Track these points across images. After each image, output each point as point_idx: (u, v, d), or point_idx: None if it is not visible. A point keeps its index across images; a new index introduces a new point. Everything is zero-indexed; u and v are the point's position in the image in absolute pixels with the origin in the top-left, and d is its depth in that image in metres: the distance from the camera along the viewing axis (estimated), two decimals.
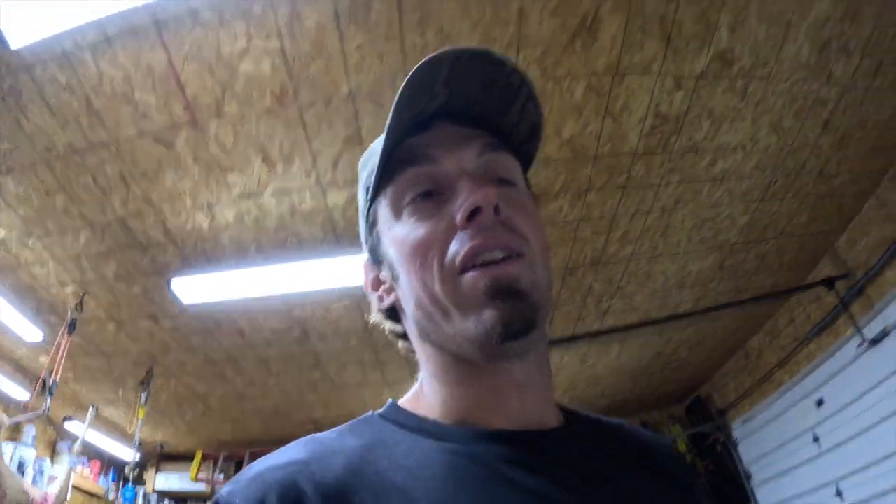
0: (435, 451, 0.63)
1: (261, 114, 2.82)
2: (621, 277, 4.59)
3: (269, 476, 0.58)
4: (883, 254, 4.16)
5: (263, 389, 5.56)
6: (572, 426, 0.74)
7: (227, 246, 3.57)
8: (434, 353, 0.71)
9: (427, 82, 0.67)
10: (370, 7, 2.46)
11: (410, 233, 0.68)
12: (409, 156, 0.70)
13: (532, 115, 0.74)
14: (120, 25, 2.39)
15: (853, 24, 2.99)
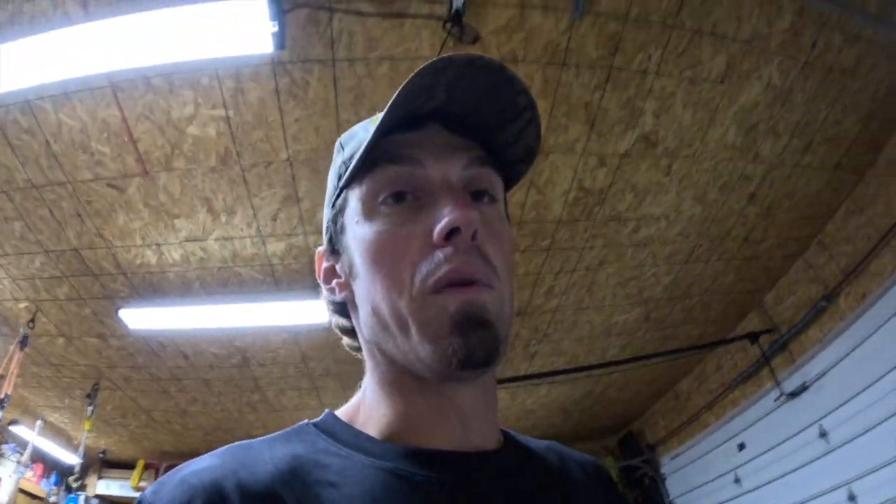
0: (366, 468, 0.62)
1: (206, 171, 3.05)
2: (547, 326, 4.88)
3: (194, 479, 0.56)
4: (807, 313, 4.49)
5: (205, 407, 5.73)
6: (507, 449, 0.73)
7: (173, 280, 3.78)
8: (382, 361, 0.69)
9: (428, 83, 0.64)
10: (308, 87, 2.72)
11: (381, 236, 0.65)
12: (394, 153, 0.67)
13: (530, 139, 0.72)
14: (78, 83, 2.60)
15: (783, 109, 3.32)
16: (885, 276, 3.83)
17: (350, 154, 0.72)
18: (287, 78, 2.67)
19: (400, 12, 2.50)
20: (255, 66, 2.60)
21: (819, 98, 3.32)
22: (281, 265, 3.76)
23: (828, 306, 4.32)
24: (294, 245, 3.62)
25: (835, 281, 4.27)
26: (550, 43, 2.71)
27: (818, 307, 4.37)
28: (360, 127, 0.76)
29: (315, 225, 3.49)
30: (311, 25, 2.48)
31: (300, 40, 2.52)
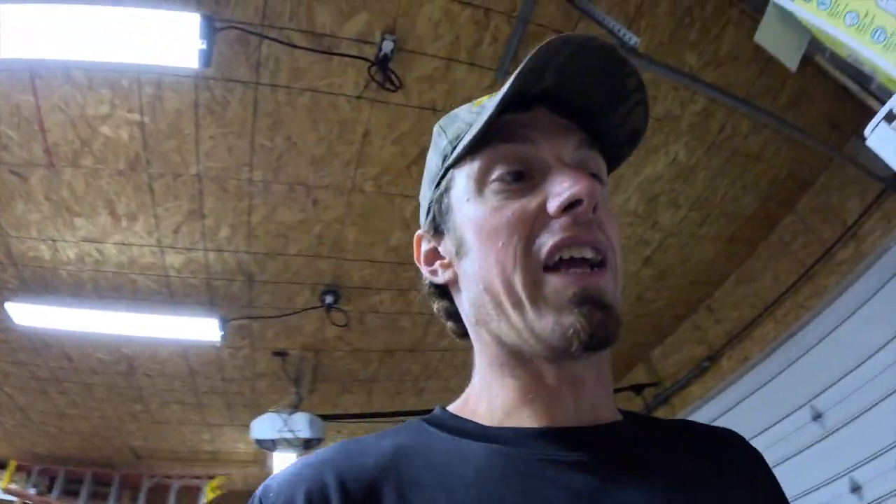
0: (472, 452, 0.62)
1: (113, 173, 2.97)
2: (437, 363, 4.98)
3: (302, 472, 0.59)
4: (691, 370, 4.75)
5: (85, 412, 5.51)
6: (628, 422, 0.71)
7: (65, 279, 3.64)
8: (491, 341, 0.68)
9: (544, 64, 0.64)
10: (227, 106, 2.70)
11: (495, 212, 0.64)
12: (506, 132, 0.66)
13: (638, 121, 0.71)
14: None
15: (685, 183, 3.54)
16: (766, 343, 4.10)
17: (455, 135, 0.71)
18: (208, 93, 2.65)
19: (329, 49, 2.53)
20: (178, 77, 2.57)
21: (721, 176, 3.55)
22: (178, 278, 3.68)
23: (710, 366, 4.59)
24: (193, 260, 3.56)
25: (719, 343, 4.54)
26: (471, 98, 2.78)
27: (702, 366, 4.63)
28: (462, 110, 0.75)
29: (216, 243, 3.44)
30: (240, 46, 2.48)
31: (227, 58, 2.51)
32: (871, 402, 3.33)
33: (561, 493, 0.57)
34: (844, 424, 3.46)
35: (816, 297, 3.80)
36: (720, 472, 0.69)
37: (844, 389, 3.49)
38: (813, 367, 3.73)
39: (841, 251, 3.68)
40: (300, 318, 4.13)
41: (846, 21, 1.50)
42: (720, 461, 0.71)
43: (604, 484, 0.58)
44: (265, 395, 5.24)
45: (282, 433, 4.24)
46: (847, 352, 3.51)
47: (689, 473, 0.65)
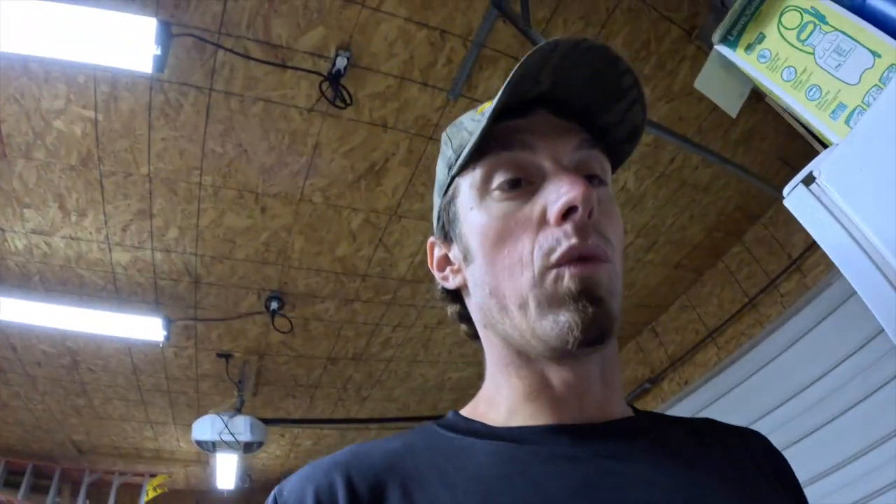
0: (476, 449, 0.63)
1: (65, 168, 2.96)
2: (381, 373, 5.06)
3: (312, 473, 0.61)
4: (633, 390, 4.88)
5: (28, 403, 5.43)
6: (639, 419, 0.72)
7: (12, 269, 3.61)
8: (498, 343, 0.70)
9: (536, 68, 0.65)
10: (181, 109, 2.72)
11: (498, 220, 0.66)
12: (506, 139, 0.68)
13: (636, 118, 0.72)
14: None
15: (633, 210, 3.65)
16: (707, 368, 4.25)
17: (459, 144, 0.72)
18: (162, 96, 2.66)
19: (283, 61, 2.57)
20: (133, 77, 2.58)
21: (669, 206, 3.67)
22: (124, 275, 3.68)
23: (652, 388, 4.75)
24: (140, 258, 3.56)
25: (661, 366, 4.69)
26: (422, 116, 2.87)
27: (643, 387, 4.78)
28: (466, 118, 0.75)
29: (164, 243, 3.46)
30: (196, 51, 2.50)
31: (182, 62, 2.53)
32: (808, 430, 3.46)
33: (562, 487, 0.58)
34: (782, 450, 3.59)
35: (759, 325, 3.94)
36: (735, 465, 0.69)
37: (782, 417, 3.62)
38: (752, 394, 3.87)
39: (784, 283, 3.81)
40: (245, 322, 4.15)
41: (783, 76, 1.53)
42: (735, 455, 0.72)
43: (605, 478, 0.59)
44: (208, 396, 5.23)
45: (222, 435, 4.24)
46: (786, 381, 3.64)
47: (698, 465, 0.65)
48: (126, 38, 2.35)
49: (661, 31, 2.76)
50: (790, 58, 1.51)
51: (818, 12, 1.47)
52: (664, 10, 2.67)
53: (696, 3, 2.67)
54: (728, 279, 4.22)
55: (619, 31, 2.73)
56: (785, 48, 1.53)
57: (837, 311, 3.48)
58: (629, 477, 0.59)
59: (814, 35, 1.47)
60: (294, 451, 6.86)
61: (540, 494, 0.56)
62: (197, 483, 7.78)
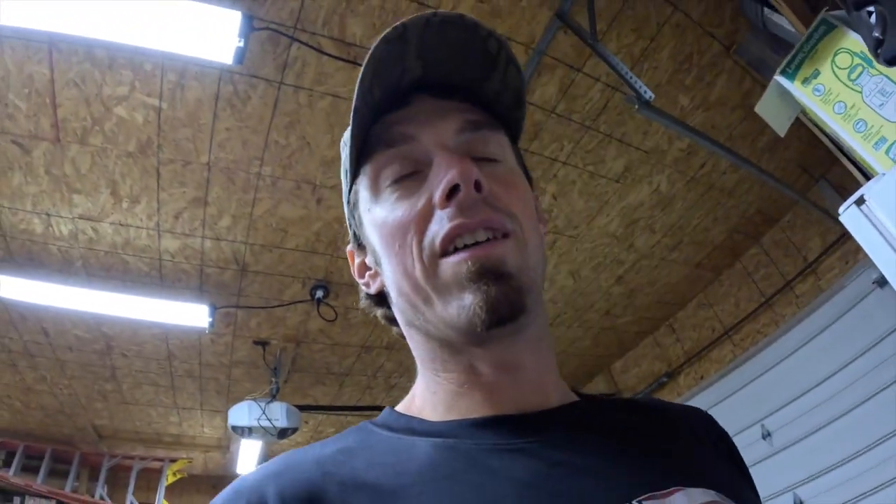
0: (416, 448, 0.60)
1: (122, 154, 2.97)
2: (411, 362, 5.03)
3: (242, 488, 0.57)
4: (649, 384, 5.03)
5: (53, 388, 5.38)
6: (579, 404, 0.69)
7: (54, 254, 3.60)
8: (421, 339, 0.67)
9: (396, 54, 0.62)
10: (248, 101, 2.75)
11: (389, 214, 0.63)
12: (387, 136, 0.65)
13: (514, 80, 0.68)
14: (15, 29, 2.42)
15: (663, 211, 3.77)
16: (723, 364, 4.39)
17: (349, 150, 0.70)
18: (231, 87, 2.69)
19: (356, 58, 2.60)
20: (203, 67, 2.60)
21: (696, 208, 3.79)
22: (171, 262, 3.69)
23: (668, 382, 4.87)
24: (189, 246, 3.57)
25: (677, 361, 4.82)
26: None
27: (660, 381, 4.91)
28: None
29: (215, 231, 3.47)
30: (270, 45, 2.53)
31: (255, 55, 2.55)
32: (818, 425, 3.58)
33: (507, 482, 0.54)
34: (791, 444, 3.72)
35: (773, 325, 4.07)
36: (681, 442, 0.68)
37: (793, 412, 3.75)
38: (765, 390, 3.99)
39: (800, 285, 3.93)
40: (286, 310, 4.18)
41: (835, 109, 1.70)
42: (681, 432, 0.70)
43: (551, 469, 0.56)
44: (239, 383, 5.25)
45: (260, 421, 4.26)
46: (798, 378, 3.77)
47: (646, 446, 0.63)
48: (207, 29, 2.36)
49: (703, 46, 2.87)
50: (841, 94, 1.69)
51: (867, 57, 1.63)
52: (708, 26, 2.78)
53: (737, 21, 2.76)
54: (745, 279, 4.35)
55: (666, 45, 2.82)
56: (837, 85, 1.70)
57: (849, 312, 3.61)
58: (578, 466, 0.57)
59: (862, 76, 1.65)
60: (316, 437, 6.82)
61: (490, 490, 0.54)
62: (214, 469, 7.77)
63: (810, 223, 3.89)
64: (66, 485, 6.50)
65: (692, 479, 0.57)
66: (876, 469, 3.30)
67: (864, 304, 3.55)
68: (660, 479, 0.56)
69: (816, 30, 1.79)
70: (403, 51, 0.62)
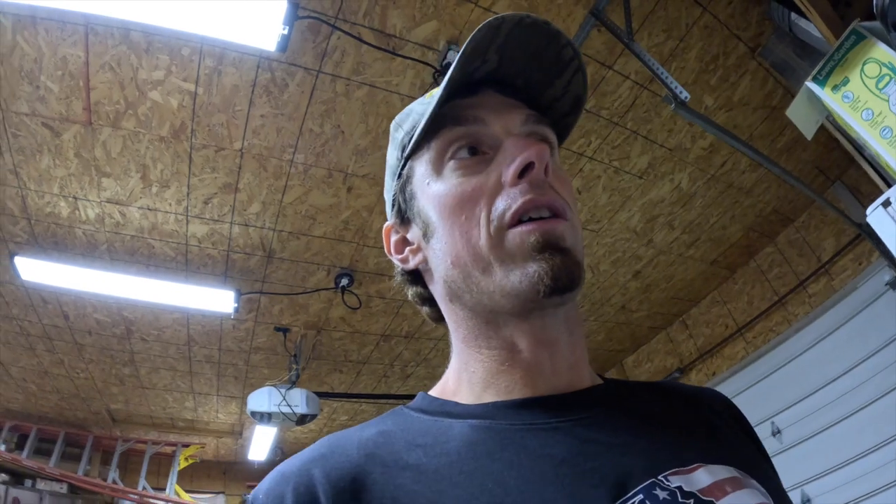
0: (453, 430, 0.61)
1: (154, 139, 2.96)
2: (429, 351, 5.13)
3: (288, 471, 0.59)
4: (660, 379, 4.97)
5: (70, 372, 5.38)
6: (607, 386, 0.71)
7: (79, 238, 3.59)
8: (465, 316, 0.68)
9: (484, 45, 0.65)
10: (286, 89, 2.74)
11: (455, 187, 0.65)
12: (457, 116, 0.68)
13: (577, 88, 0.72)
14: (51, 11, 2.41)
15: (683, 208, 3.81)
16: (735, 361, 4.43)
17: (411, 127, 0.72)
18: (269, 74, 2.68)
19: (395, 49, 2.61)
20: (242, 54, 2.60)
21: (714, 205, 3.83)
22: (198, 247, 3.68)
23: (679, 377, 4.89)
24: (217, 231, 3.57)
25: (690, 357, 4.85)
26: None
27: (672, 376, 4.93)
28: (416, 103, 0.75)
29: (244, 217, 3.47)
30: (310, 33, 2.53)
31: (295, 44, 2.54)
32: (827, 423, 3.61)
33: (544, 460, 0.56)
34: (801, 441, 3.75)
35: (786, 323, 4.09)
36: (703, 421, 0.70)
37: (804, 410, 3.77)
38: (776, 388, 4.02)
39: (813, 284, 3.96)
40: (309, 297, 4.19)
41: (863, 116, 1.76)
42: (703, 412, 0.72)
43: (585, 446, 0.58)
44: (257, 369, 5.26)
45: (280, 407, 4.26)
46: (809, 376, 3.80)
47: (671, 425, 0.66)
48: (252, 16, 2.36)
49: (729, 48, 2.89)
50: (869, 101, 1.75)
51: (894, 67, 1.70)
52: (735, 28, 2.80)
53: (763, 24, 2.79)
54: (759, 278, 4.37)
55: (694, 45, 2.84)
56: (865, 93, 1.77)
57: (861, 313, 3.64)
58: (610, 443, 0.59)
59: (889, 85, 1.71)
60: (329, 425, 6.90)
61: (527, 467, 0.55)
62: (225, 454, 7.80)
63: (825, 224, 3.92)
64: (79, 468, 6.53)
65: (713, 457, 0.60)
66: (884, 468, 3.33)
67: (876, 305, 3.58)
68: (684, 456, 0.59)
69: (847, 39, 1.85)
70: (491, 43, 0.65)
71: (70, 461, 6.56)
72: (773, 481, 0.65)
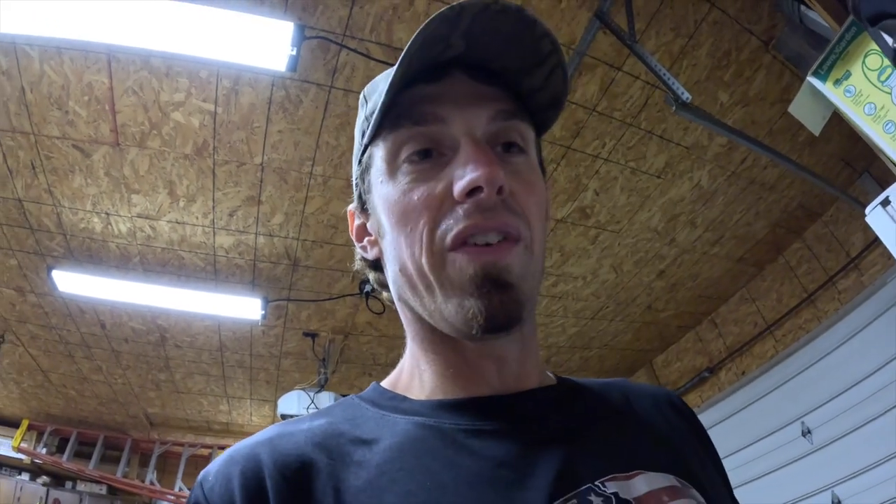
0: (398, 425, 0.62)
1: (178, 156, 3.14)
2: None
3: (237, 454, 0.59)
4: (691, 379, 5.08)
5: (108, 378, 5.66)
6: (554, 388, 0.71)
7: (113, 251, 3.80)
8: (413, 318, 0.68)
9: (443, 33, 0.60)
10: (300, 105, 2.89)
11: (404, 195, 0.62)
12: (417, 113, 0.63)
13: (557, 85, 0.68)
14: (74, 42, 2.59)
15: (704, 206, 3.84)
16: (764, 359, 4.42)
17: (371, 109, 0.68)
18: (283, 92, 2.83)
19: None
20: (256, 74, 2.74)
21: (737, 202, 3.85)
22: (225, 258, 3.87)
23: (710, 377, 4.91)
24: (243, 242, 3.74)
25: (719, 356, 4.86)
26: None
27: (701, 376, 4.95)
28: (382, 77, 0.71)
29: (268, 228, 3.64)
30: (320, 51, 2.67)
31: (306, 61, 2.69)
32: (859, 422, 3.57)
33: (484, 461, 0.57)
34: (831, 442, 3.71)
35: (815, 320, 4.08)
36: (652, 425, 0.70)
37: (834, 409, 3.74)
38: (806, 386, 3.99)
39: (842, 280, 3.94)
40: (335, 303, 4.33)
41: (865, 110, 1.77)
42: (653, 414, 0.72)
43: (526, 450, 0.58)
44: (288, 373, 5.44)
45: (308, 410, 4.42)
46: (840, 375, 3.76)
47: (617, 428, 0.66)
48: (261, 39, 2.50)
49: (741, 42, 2.91)
50: (871, 95, 1.75)
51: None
52: (745, 22, 2.82)
53: (774, 16, 2.80)
54: (788, 274, 4.37)
55: (704, 42, 2.88)
56: (868, 86, 1.76)
57: (893, 308, 3.58)
58: (549, 446, 0.59)
59: (892, 78, 1.71)
60: None
61: (466, 468, 0.56)
62: None
63: (853, 217, 3.88)
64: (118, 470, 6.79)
65: (655, 463, 0.61)
66: None
67: None
68: (624, 462, 0.60)
69: (848, 31, 1.84)
70: (452, 30, 0.61)
71: (109, 463, 6.81)
72: (717, 489, 0.68)
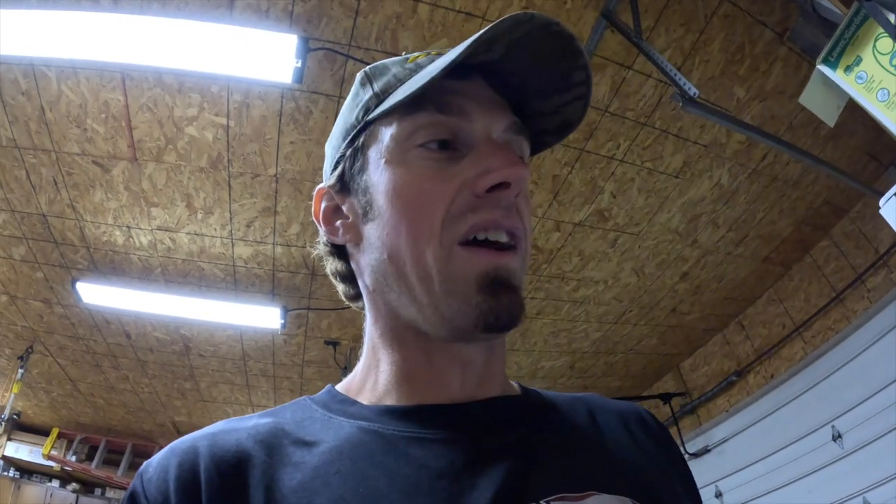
0: (342, 429, 0.61)
1: (195, 170, 3.22)
2: None
3: (177, 447, 0.59)
4: (718, 383, 5.01)
5: (135, 387, 5.82)
6: (513, 399, 0.70)
7: (135, 263, 3.91)
8: (386, 312, 0.66)
9: (497, 35, 0.59)
10: (310, 116, 2.94)
11: (415, 180, 0.61)
12: (443, 102, 0.62)
13: (573, 114, 0.69)
14: (88, 62, 2.69)
15: (726, 205, 3.78)
16: (793, 362, 4.34)
17: (383, 89, 0.66)
18: (293, 104, 2.89)
19: None
20: (266, 87, 2.81)
21: (760, 200, 3.78)
22: (244, 268, 3.95)
23: (738, 381, 4.84)
24: (261, 252, 3.82)
25: (747, 359, 4.79)
26: None
27: (729, 380, 4.89)
28: (394, 62, 0.69)
29: (285, 238, 3.70)
30: (327, 62, 2.71)
31: (313, 73, 2.74)
32: (891, 426, 3.48)
33: (423, 471, 0.56)
34: (863, 446, 3.64)
35: (845, 320, 4.00)
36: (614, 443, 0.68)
37: (866, 412, 3.66)
38: (837, 389, 3.92)
39: (871, 278, 3.86)
40: (355, 312, 4.31)
41: (878, 97, 1.71)
42: (617, 431, 0.70)
43: (471, 461, 0.57)
44: (311, 382, 5.53)
45: None
46: (871, 376, 3.68)
47: (575, 445, 0.65)
48: (266, 53, 2.56)
49: (754, 35, 2.87)
50: (884, 80, 1.69)
51: None
52: (758, 14, 2.78)
53: (787, 7, 2.76)
54: (815, 273, 4.28)
55: (716, 37, 2.84)
56: (879, 71, 1.70)
57: None
58: (499, 462, 0.57)
59: None
60: None
61: (404, 476, 0.55)
62: None
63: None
64: None
65: (610, 485, 0.59)
66: None
67: None
68: (576, 481, 0.58)
69: (856, 14, 1.79)
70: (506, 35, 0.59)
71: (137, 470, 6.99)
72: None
